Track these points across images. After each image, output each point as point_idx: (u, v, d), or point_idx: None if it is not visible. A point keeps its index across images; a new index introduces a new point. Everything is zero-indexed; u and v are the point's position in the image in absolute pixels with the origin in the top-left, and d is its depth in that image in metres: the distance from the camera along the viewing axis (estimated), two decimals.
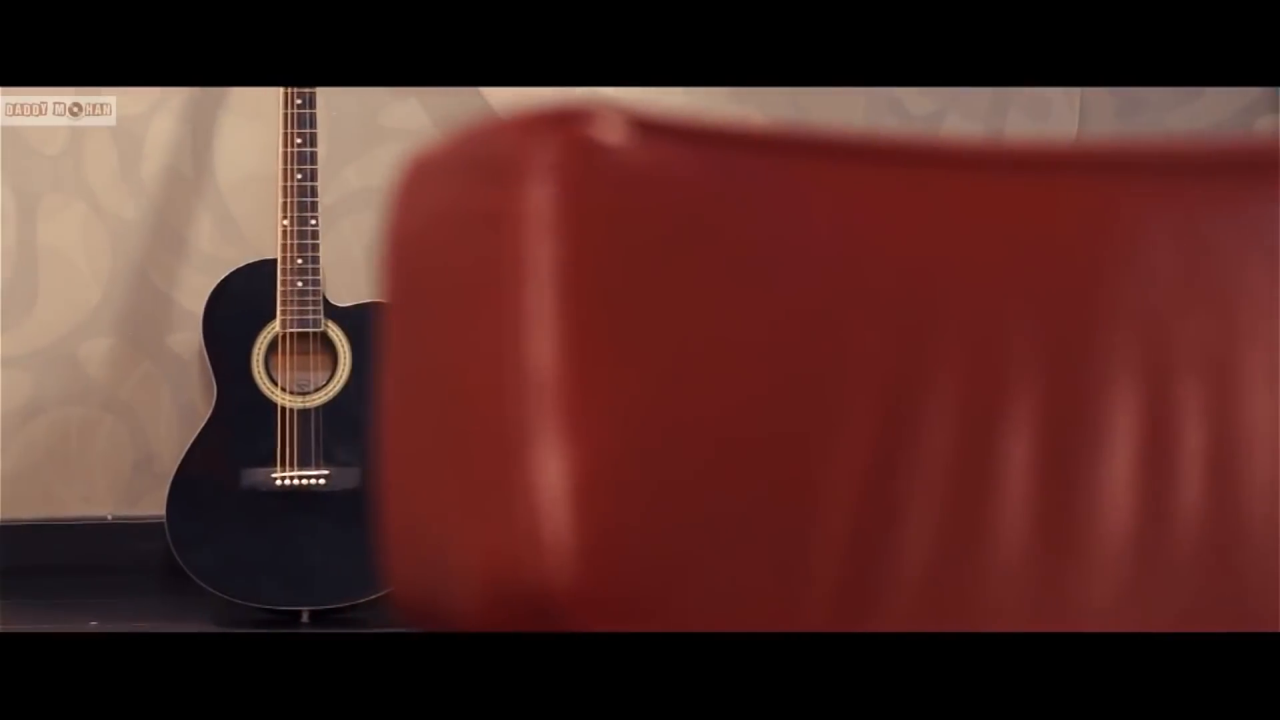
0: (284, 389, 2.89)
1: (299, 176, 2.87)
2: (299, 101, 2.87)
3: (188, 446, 2.88)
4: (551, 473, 0.87)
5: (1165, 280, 1.01)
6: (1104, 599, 0.98)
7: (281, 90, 2.88)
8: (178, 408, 3.11)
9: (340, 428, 2.89)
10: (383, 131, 3.14)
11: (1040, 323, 0.98)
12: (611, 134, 0.91)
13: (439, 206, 0.91)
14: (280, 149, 2.88)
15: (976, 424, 0.96)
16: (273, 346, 2.89)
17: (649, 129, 0.92)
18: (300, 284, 2.87)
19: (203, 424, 2.89)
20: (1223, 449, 0.99)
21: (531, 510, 0.87)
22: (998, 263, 0.98)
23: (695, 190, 0.92)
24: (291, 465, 2.87)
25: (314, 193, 2.87)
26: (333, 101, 3.03)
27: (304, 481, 2.87)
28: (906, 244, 0.95)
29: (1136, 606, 0.98)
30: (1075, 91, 3.27)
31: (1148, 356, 0.99)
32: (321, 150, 2.89)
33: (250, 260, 2.93)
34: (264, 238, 2.99)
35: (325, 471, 2.87)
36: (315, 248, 2.87)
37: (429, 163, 0.93)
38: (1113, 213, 1.02)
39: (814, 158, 0.95)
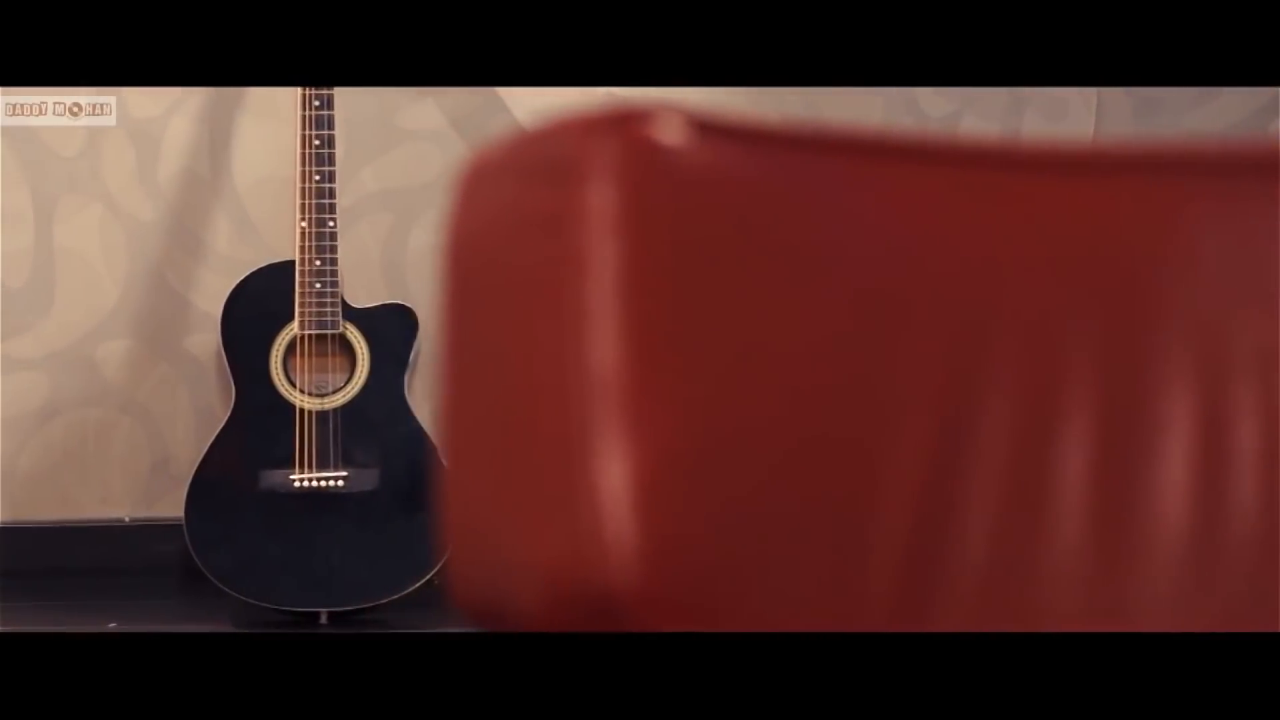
0: (302, 390, 2.89)
1: (317, 178, 2.87)
2: (317, 103, 2.87)
3: (206, 448, 2.88)
4: (614, 474, 0.87)
5: (1218, 279, 1.01)
6: (1159, 599, 0.98)
7: (299, 91, 2.88)
8: (195, 409, 3.12)
9: (359, 429, 2.89)
10: (400, 133, 3.14)
11: (1095, 323, 0.98)
12: (671, 135, 0.91)
13: (500, 207, 0.91)
14: (298, 150, 2.87)
15: (1033, 425, 0.96)
16: (291, 348, 2.89)
17: (708, 130, 0.92)
18: (318, 286, 2.87)
19: (221, 425, 2.89)
20: (1278, 447, 0.99)
21: (594, 511, 0.87)
22: (1053, 263, 0.98)
23: (755, 191, 0.92)
24: (310, 467, 2.87)
25: (332, 194, 2.87)
26: (350, 102, 3.03)
27: (322, 483, 2.87)
28: (963, 244, 0.95)
29: (1192, 606, 0.98)
30: (1092, 92, 3.27)
31: (1202, 356, 0.99)
32: (339, 151, 2.89)
33: (268, 262, 2.93)
34: (282, 239, 2.99)
35: (344, 473, 2.87)
36: (333, 249, 2.87)
37: (489, 164, 0.93)
38: (1165, 213, 1.02)
39: (872, 158, 0.96)
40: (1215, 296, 1.01)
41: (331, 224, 2.87)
